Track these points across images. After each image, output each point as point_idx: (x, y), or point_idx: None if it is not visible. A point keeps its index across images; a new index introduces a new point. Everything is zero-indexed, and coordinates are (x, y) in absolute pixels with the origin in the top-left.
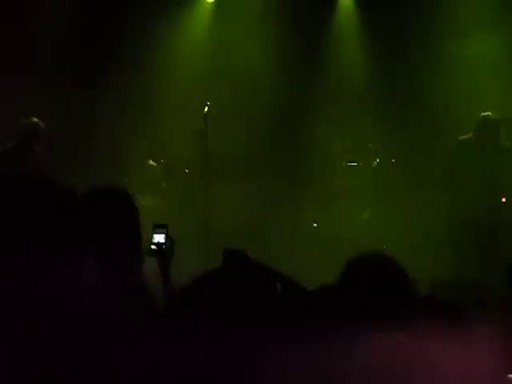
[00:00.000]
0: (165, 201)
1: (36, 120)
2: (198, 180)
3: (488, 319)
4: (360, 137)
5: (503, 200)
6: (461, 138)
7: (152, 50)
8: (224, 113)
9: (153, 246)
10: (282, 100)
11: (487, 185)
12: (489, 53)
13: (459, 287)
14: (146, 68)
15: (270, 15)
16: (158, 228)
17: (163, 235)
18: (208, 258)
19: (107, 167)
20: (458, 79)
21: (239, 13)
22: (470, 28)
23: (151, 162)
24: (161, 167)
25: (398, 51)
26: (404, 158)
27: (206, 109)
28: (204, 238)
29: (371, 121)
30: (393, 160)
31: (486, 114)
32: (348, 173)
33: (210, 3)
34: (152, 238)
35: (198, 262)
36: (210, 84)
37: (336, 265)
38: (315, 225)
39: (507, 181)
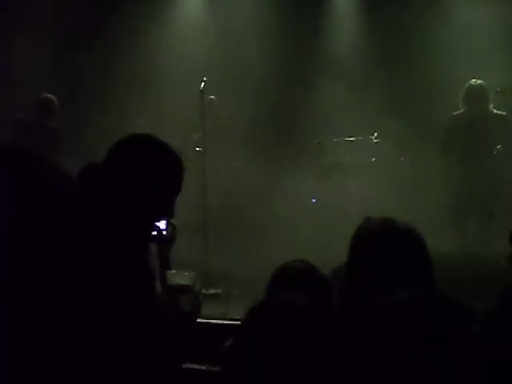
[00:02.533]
0: None
1: (50, 95)
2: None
3: None
4: (359, 113)
5: None
6: (454, 113)
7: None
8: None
9: (153, 232)
10: (282, 75)
11: (482, 154)
12: (488, 22)
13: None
14: (139, 53)
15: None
16: None
17: (164, 221)
18: (207, 236)
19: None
20: (455, 50)
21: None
22: None
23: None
24: None
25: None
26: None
27: (203, 85)
28: (203, 215)
29: (370, 97)
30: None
31: (473, 81)
32: (347, 148)
33: None
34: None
35: (196, 242)
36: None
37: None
38: (314, 200)
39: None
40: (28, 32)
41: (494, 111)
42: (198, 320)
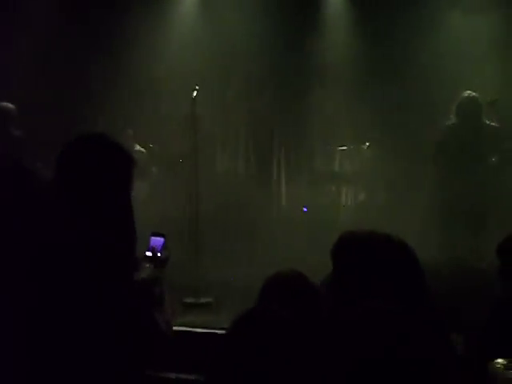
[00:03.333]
0: (153, 185)
1: (8, 103)
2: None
3: None
4: (351, 121)
5: None
6: (446, 123)
7: (141, 35)
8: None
9: (148, 253)
10: (274, 82)
11: (473, 165)
12: (484, 33)
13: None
14: (134, 53)
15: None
16: (155, 236)
17: (161, 244)
18: (198, 243)
19: None
20: (449, 60)
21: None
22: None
23: (138, 148)
24: (149, 152)
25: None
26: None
27: (195, 93)
28: (193, 224)
29: (363, 106)
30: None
31: (466, 93)
32: (340, 157)
33: None
34: (149, 244)
35: (187, 250)
36: (202, 69)
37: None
38: (305, 209)
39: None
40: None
41: (487, 122)
42: (187, 328)
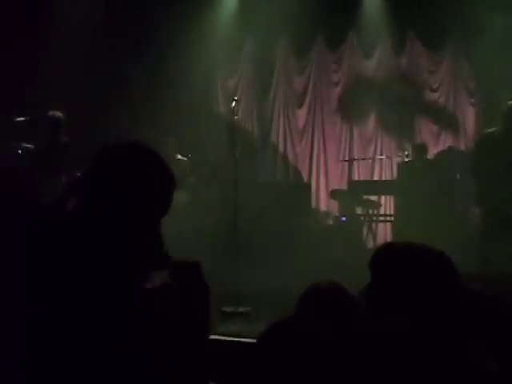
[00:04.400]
0: (192, 196)
1: (57, 111)
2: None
3: None
4: (391, 130)
5: None
6: (486, 131)
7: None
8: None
9: None
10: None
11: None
12: None
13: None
14: (172, 64)
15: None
16: None
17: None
18: (236, 253)
19: None
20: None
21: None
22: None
23: (180, 157)
24: (189, 162)
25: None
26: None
27: (234, 104)
28: (232, 234)
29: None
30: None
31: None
32: (379, 166)
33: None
34: None
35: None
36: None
37: None
38: (343, 219)
39: None
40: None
41: None
42: (225, 338)
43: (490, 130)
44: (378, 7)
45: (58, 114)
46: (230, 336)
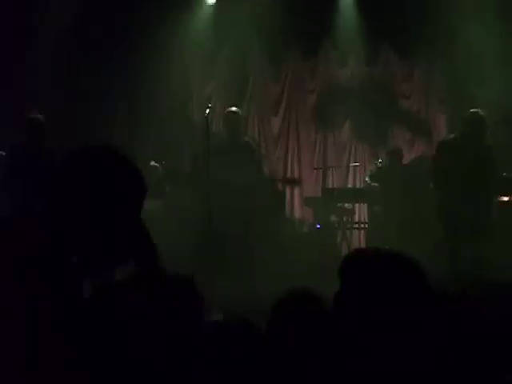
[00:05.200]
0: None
1: (39, 115)
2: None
3: None
4: (366, 137)
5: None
6: (445, 138)
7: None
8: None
9: None
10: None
11: (472, 184)
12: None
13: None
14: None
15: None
16: None
17: None
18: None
19: None
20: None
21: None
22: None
23: (153, 163)
24: (163, 169)
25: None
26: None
27: (208, 111)
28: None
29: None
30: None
31: (473, 110)
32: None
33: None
34: None
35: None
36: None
37: None
38: (318, 226)
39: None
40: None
41: (488, 145)
42: None
43: (449, 137)
44: (353, 16)
45: (39, 117)
46: None
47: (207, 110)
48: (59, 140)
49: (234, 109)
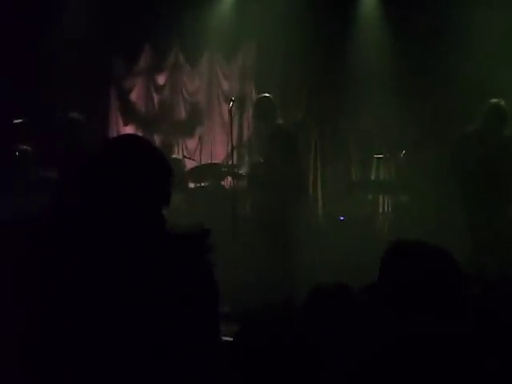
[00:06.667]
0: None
1: (77, 113)
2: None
3: None
4: (389, 129)
5: None
6: (466, 130)
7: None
8: None
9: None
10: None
11: (492, 177)
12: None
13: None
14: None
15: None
16: None
17: None
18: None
19: None
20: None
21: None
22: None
23: (175, 156)
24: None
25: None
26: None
27: (231, 104)
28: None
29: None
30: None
31: (494, 101)
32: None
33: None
34: None
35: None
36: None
37: None
38: (342, 218)
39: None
40: None
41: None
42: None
43: (469, 130)
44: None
45: (78, 115)
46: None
47: (230, 103)
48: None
49: (266, 94)
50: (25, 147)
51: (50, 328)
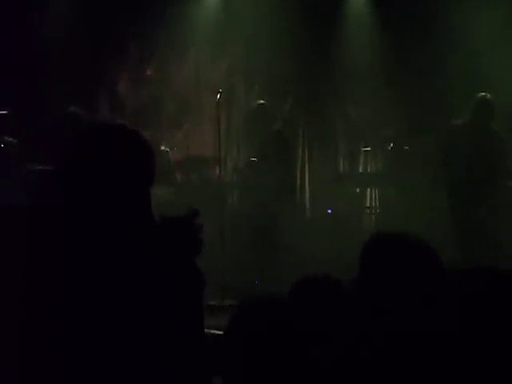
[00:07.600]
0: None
1: (77, 108)
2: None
3: None
4: (376, 123)
5: None
6: (454, 123)
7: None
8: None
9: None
10: (299, 82)
11: (480, 169)
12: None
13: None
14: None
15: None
16: None
17: None
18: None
19: None
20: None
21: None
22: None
23: (163, 147)
24: (173, 155)
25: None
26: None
27: (219, 96)
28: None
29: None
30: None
31: (482, 94)
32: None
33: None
34: None
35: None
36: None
37: None
38: (330, 211)
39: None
40: None
41: (496, 130)
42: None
43: (457, 122)
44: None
45: (77, 110)
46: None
47: (218, 96)
48: None
49: (261, 101)
50: (10, 139)
51: (38, 318)
